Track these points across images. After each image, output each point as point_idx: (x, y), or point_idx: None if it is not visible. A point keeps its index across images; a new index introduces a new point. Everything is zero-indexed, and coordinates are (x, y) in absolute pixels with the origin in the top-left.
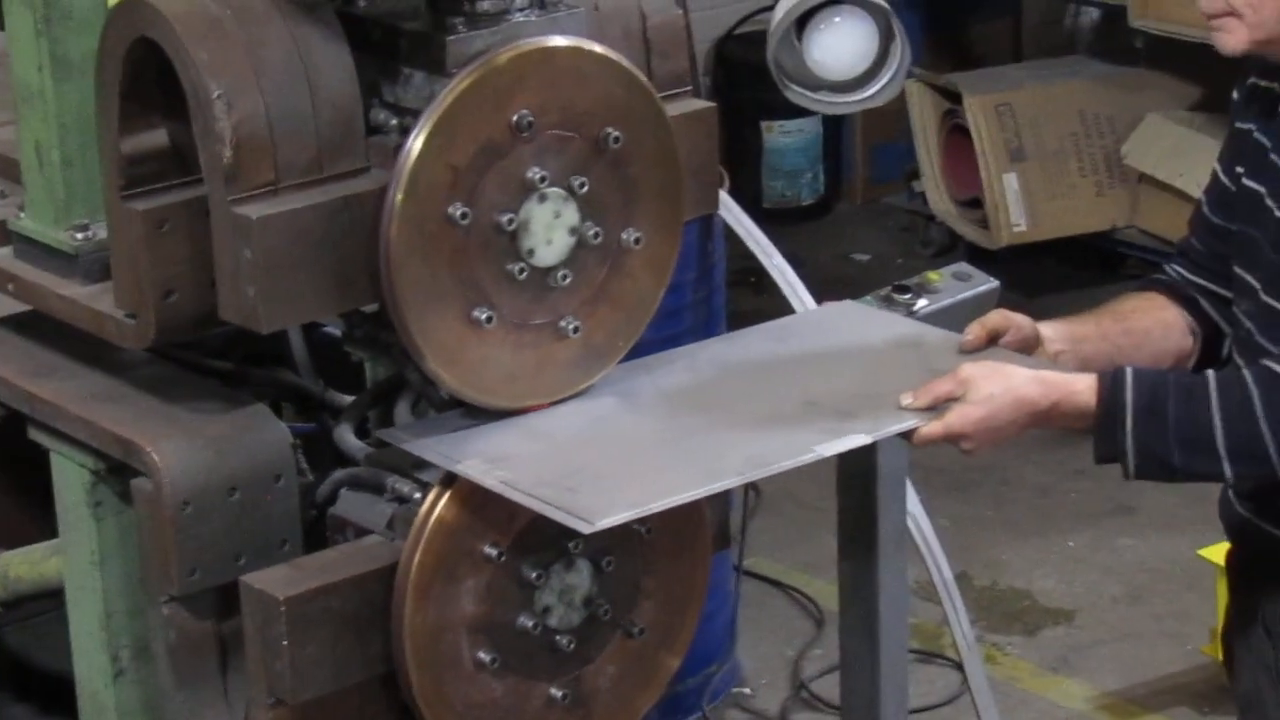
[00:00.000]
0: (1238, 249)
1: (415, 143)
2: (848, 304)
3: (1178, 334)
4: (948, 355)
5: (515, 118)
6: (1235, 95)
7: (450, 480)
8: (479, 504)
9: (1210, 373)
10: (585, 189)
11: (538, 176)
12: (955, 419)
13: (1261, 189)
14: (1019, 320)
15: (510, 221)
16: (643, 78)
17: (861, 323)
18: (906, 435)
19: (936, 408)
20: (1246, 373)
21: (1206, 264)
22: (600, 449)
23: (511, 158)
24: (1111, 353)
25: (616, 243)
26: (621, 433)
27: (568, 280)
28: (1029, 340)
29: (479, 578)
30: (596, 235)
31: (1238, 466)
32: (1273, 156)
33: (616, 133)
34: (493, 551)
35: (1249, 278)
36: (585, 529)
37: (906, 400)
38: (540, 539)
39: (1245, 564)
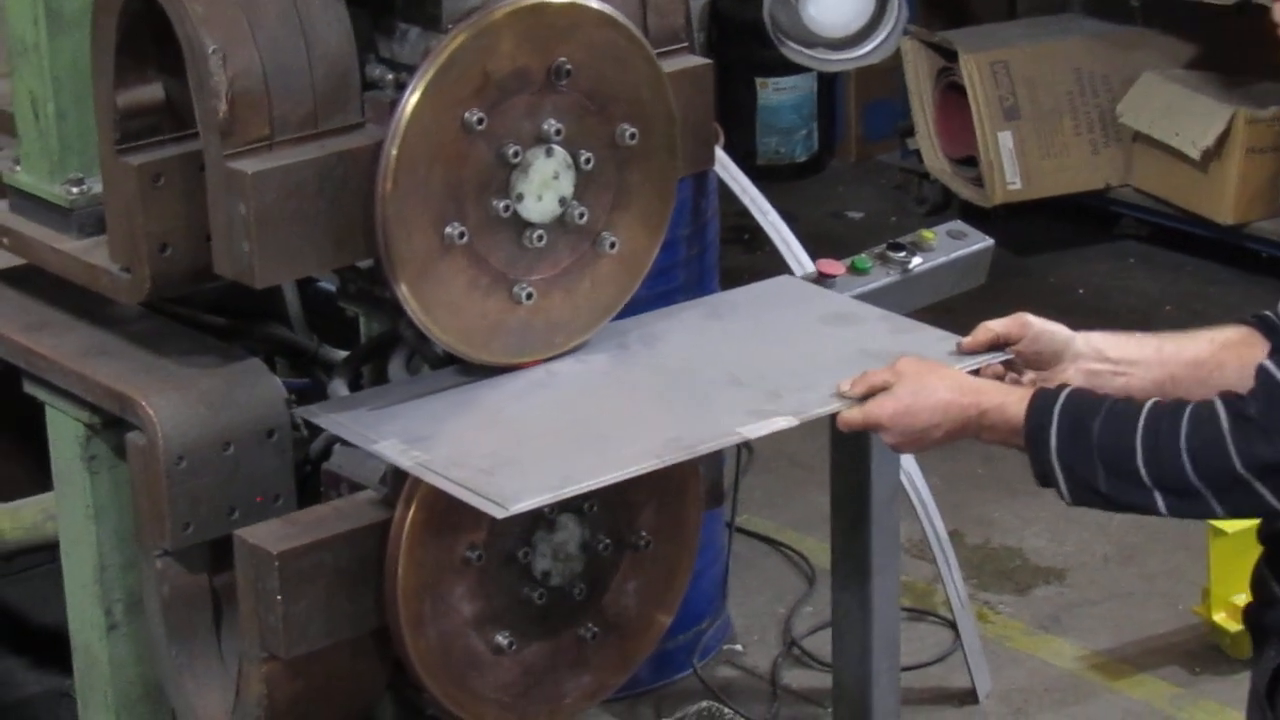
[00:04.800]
0: None
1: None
2: (786, 279)
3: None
4: (882, 335)
5: (555, 64)
6: None
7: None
8: (447, 506)
9: (1152, 400)
10: (590, 166)
11: (553, 129)
12: (874, 407)
13: None
14: (1041, 328)
15: (515, 155)
16: (649, 49)
17: (799, 300)
18: (832, 418)
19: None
20: (1187, 405)
21: None
22: (521, 429)
23: (539, 97)
24: (1164, 382)
25: (593, 239)
26: (545, 412)
27: (541, 243)
28: (1046, 352)
29: (468, 581)
30: (581, 216)
31: (1169, 499)
32: None
33: (634, 130)
34: (473, 554)
35: None
36: (499, 513)
37: (844, 387)
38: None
39: (1253, 617)
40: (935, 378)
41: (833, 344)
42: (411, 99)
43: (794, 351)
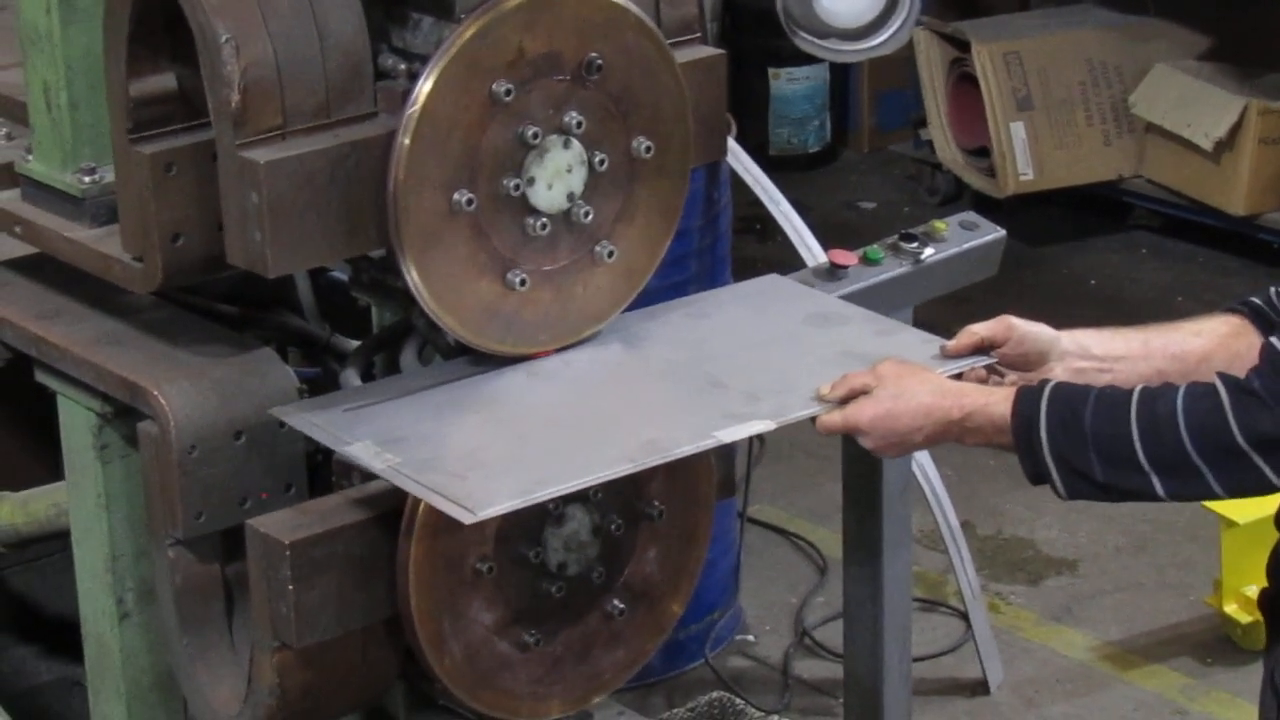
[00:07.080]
0: None
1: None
2: (774, 278)
3: (1246, 366)
4: (865, 337)
5: (587, 58)
6: None
7: None
8: (449, 527)
9: (1139, 386)
10: (604, 168)
11: (574, 121)
12: (853, 411)
13: None
14: (1026, 329)
15: (535, 137)
16: (679, 69)
17: (784, 300)
18: (812, 421)
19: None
20: (1180, 386)
21: None
22: (497, 431)
23: (566, 88)
24: (1151, 377)
25: (593, 245)
26: (521, 413)
27: (544, 232)
28: (1032, 353)
29: (484, 592)
30: (587, 215)
31: (1167, 480)
32: None
33: (650, 144)
34: (483, 566)
35: None
36: (467, 519)
37: (824, 390)
38: (519, 517)
39: (1269, 603)
40: (916, 381)
41: (815, 345)
42: (424, 88)
43: (776, 353)
